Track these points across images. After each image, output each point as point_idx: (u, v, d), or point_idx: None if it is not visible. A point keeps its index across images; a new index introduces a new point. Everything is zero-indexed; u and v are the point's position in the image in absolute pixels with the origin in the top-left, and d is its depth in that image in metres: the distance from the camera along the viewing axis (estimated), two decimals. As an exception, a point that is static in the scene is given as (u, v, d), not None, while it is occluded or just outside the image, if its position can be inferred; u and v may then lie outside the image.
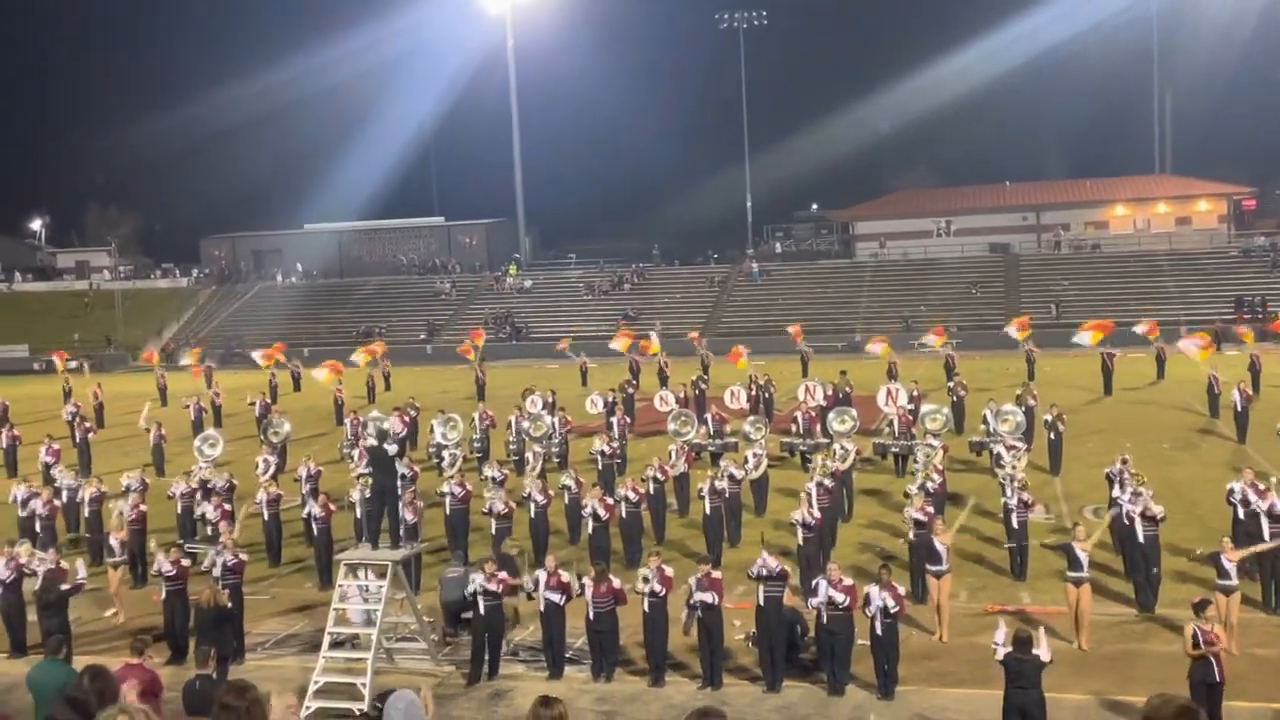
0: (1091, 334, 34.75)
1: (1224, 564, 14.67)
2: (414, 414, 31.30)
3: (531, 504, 19.76)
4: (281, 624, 17.38)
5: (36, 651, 14.87)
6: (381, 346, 46.40)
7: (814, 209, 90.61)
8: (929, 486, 19.28)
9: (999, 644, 12.12)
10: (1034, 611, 16.35)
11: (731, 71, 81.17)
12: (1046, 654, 11.90)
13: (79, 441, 30.49)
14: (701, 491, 20.08)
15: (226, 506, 19.63)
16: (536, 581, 14.81)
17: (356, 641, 14.92)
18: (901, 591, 14.35)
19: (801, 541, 17.58)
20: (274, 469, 24.45)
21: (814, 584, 14.33)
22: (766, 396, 33.72)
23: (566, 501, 20.94)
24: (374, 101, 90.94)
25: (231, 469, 24.19)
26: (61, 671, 9.60)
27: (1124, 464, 19.46)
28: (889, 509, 22.52)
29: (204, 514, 19.81)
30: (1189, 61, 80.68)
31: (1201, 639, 12.06)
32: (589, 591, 14.49)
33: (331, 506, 19.60)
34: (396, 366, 47.00)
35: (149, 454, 29.25)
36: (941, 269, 65.64)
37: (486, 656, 14.76)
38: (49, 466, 25.66)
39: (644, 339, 44.01)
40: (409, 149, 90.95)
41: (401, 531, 15.52)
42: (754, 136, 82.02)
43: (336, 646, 14.75)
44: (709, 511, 19.89)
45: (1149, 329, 38.67)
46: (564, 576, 14.76)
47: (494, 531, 19.21)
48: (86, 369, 48.93)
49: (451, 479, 21.08)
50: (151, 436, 29.74)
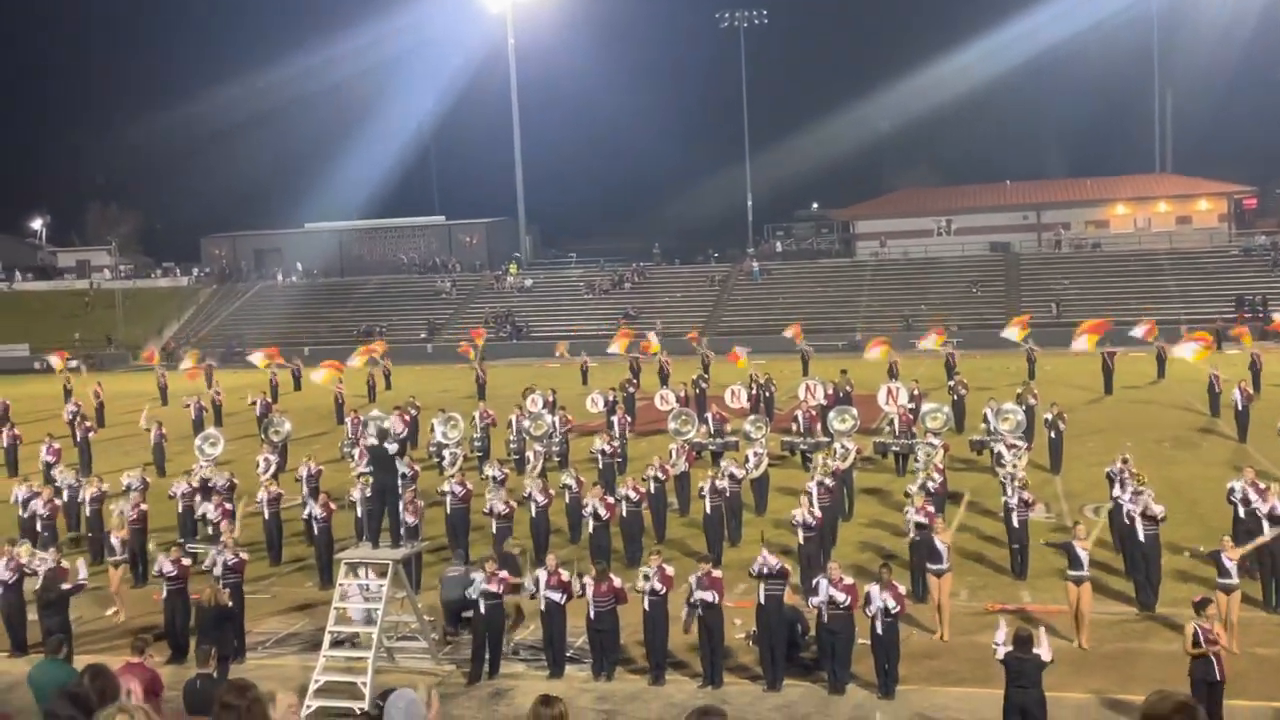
0: (1088, 338, 34.79)
1: (1224, 563, 14.68)
2: (414, 413, 31.29)
3: (532, 504, 19.76)
4: (282, 623, 17.39)
5: (37, 651, 14.86)
6: (381, 346, 46.34)
7: (814, 208, 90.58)
8: (929, 486, 19.28)
9: (999, 643, 12.13)
10: (1034, 610, 16.35)
11: (732, 70, 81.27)
12: (1047, 654, 11.90)
13: (79, 441, 30.49)
14: (702, 491, 20.07)
15: (227, 505, 19.64)
16: (537, 581, 14.82)
17: (357, 640, 14.92)
18: (902, 591, 14.35)
19: (802, 540, 17.57)
20: (275, 468, 24.48)
21: (814, 583, 14.33)
22: (767, 395, 33.72)
23: (567, 501, 20.94)
24: (374, 100, 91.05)
25: (232, 468, 24.18)
26: (62, 671, 9.60)
27: (1124, 463, 19.46)
28: (889, 508, 22.53)
29: (204, 514, 19.83)
30: (1189, 60, 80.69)
31: (1202, 638, 12.06)
32: (590, 591, 14.49)
33: (332, 505, 19.61)
34: (397, 365, 46.99)
35: (150, 453, 29.27)
36: (942, 268, 65.66)
37: (487, 655, 14.77)
38: (50, 466, 25.67)
39: (643, 340, 44.01)
40: (409, 148, 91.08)
41: (402, 531, 15.54)
42: (754, 135, 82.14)
43: (337, 645, 14.74)
44: (709, 511, 19.88)
45: (1147, 331, 38.63)
46: (564, 576, 14.77)
47: (494, 531, 19.23)
48: (84, 369, 48.86)
49: (452, 478, 21.09)
50: (152, 436, 29.73)
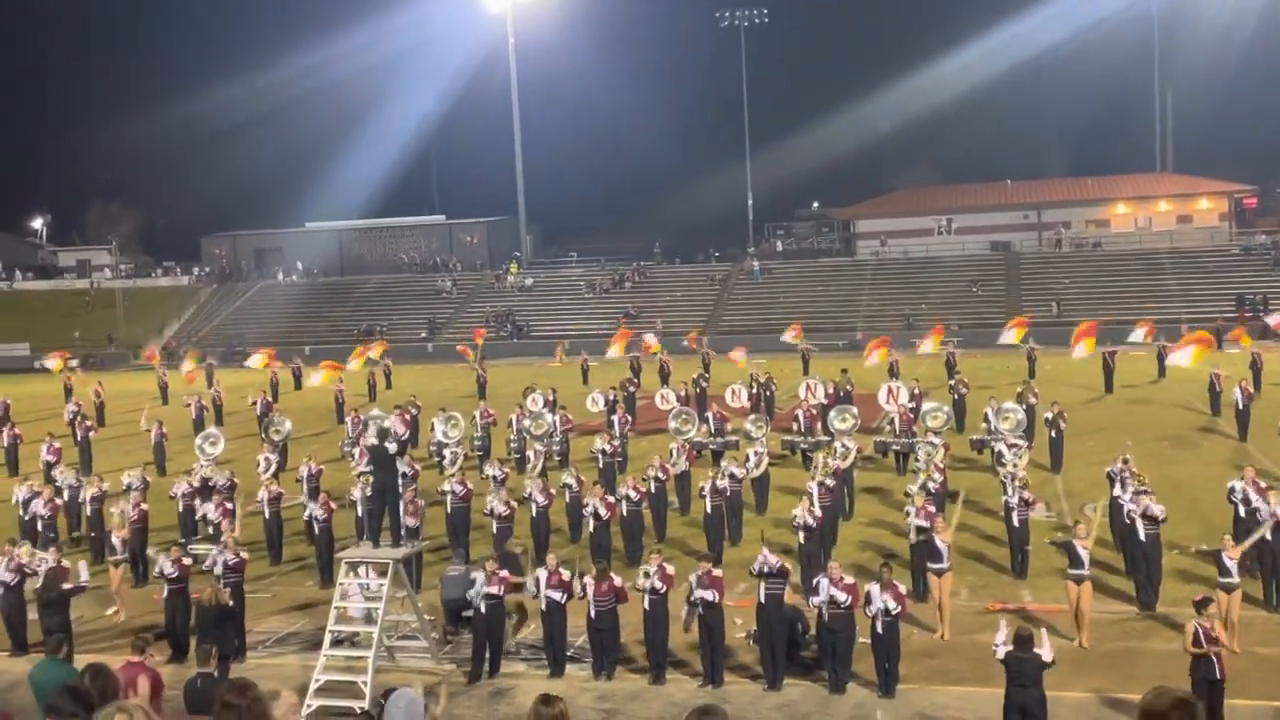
0: (1085, 343, 34.75)
1: (1225, 562, 14.67)
2: (415, 412, 31.30)
3: (533, 503, 19.77)
4: (282, 622, 17.39)
5: (38, 650, 14.86)
6: (379, 347, 46.12)
7: (815, 207, 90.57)
8: (930, 487, 19.25)
9: (999, 644, 12.11)
10: (1035, 610, 16.34)
11: (732, 70, 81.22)
12: (1049, 654, 11.89)
13: (80, 440, 30.49)
14: (703, 490, 20.06)
15: (228, 505, 19.65)
16: (537, 581, 14.83)
17: (357, 640, 14.92)
18: (903, 590, 14.34)
19: (803, 540, 17.57)
20: (275, 467, 24.48)
21: (815, 582, 14.32)
22: (767, 395, 33.72)
23: (568, 500, 20.95)
24: (375, 100, 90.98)
25: (233, 467, 24.18)
26: (62, 670, 9.59)
27: (1125, 463, 19.45)
28: (890, 507, 22.52)
29: (205, 515, 19.81)
30: (1190, 59, 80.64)
31: (1203, 637, 12.06)
32: (590, 590, 14.49)
33: (333, 505, 19.62)
34: (397, 365, 47.00)
35: (150, 452, 29.28)
36: (942, 267, 65.66)
37: (487, 655, 14.78)
38: (50, 465, 25.68)
39: (642, 342, 43.94)
40: (410, 147, 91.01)
41: (403, 531, 15.54)
42: (755, 135, 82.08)
43: (338, 645, 14.74)
44: (710, 510, 19.87)
45: (1146, 333, 38.48)
46: (565, 575, 14.77)
47: (495, 531, 19.22)
48: (79, 370, 48.81)
49: (452, 477, 21.10)
50: (153, 435, 29.73)
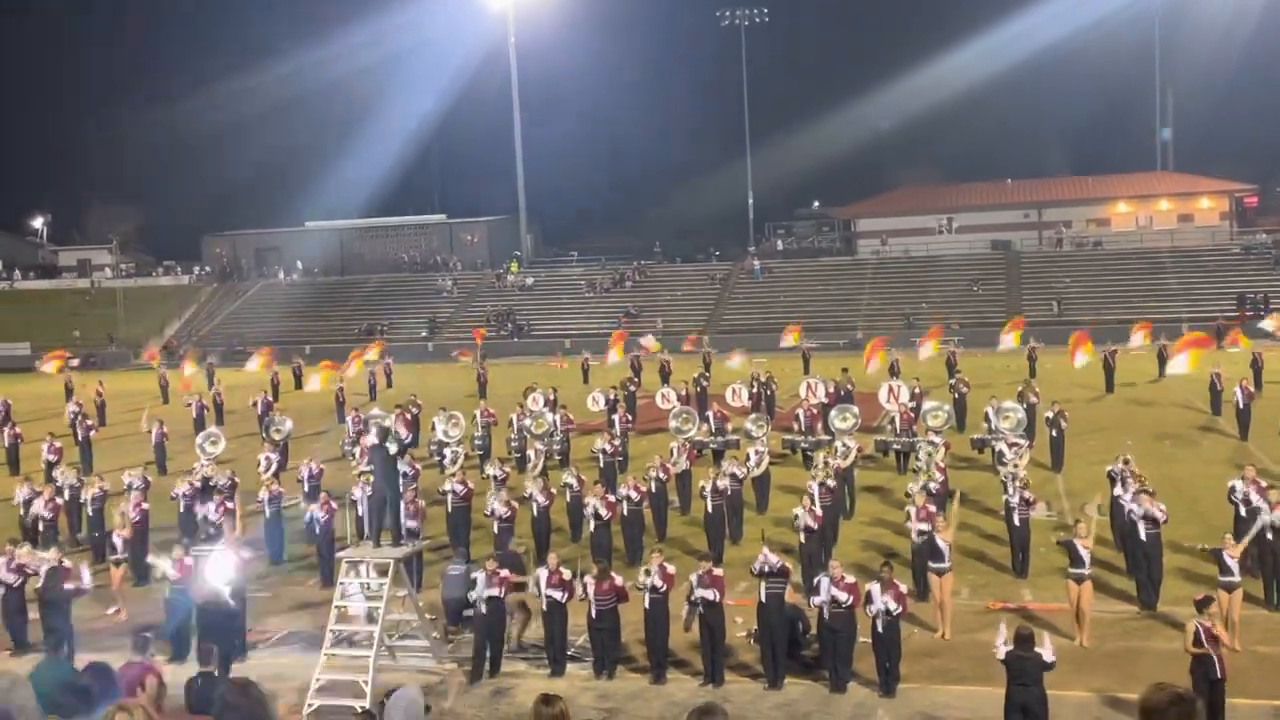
0: (1083, 350, 34.72)
1: (1226, 560, 14.67)
2: (415, 411, 31.32)
3: (534, 503, 19.77)
4: (283, 621, 17.40)
5: (39, 650, 14.86)
6: (378, 348, 45.79)
7: (815, 206, 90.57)
8: (931, 487, 19.19)
9: (1000, 645, 12.09)
10: (1036, 609, 16.34)
11: (733, 69, 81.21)
12: (1050, 655, 11.87)
13: (81, 440, 30.48)
14: (703, 490, 20.06)
15: (229, 505, 19.64)
16: (538, 581, 14.83)
17: (358, 639, 14.93)
18: (904, 590, 14.33)
19: (803, 539, 17.56)
20: (276, 466, 24.47)
21: (815, 582, 14.32)
22: (768, 394, 33.72)
23: (568, 499, 20.94)
24: (375, 98, 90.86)
25: (233, 466, 24.18)
26: (63, 670, 9.57)
27: (1126, 464, 19.41)
28: (891, 506, 22.52)
29: (205, 516, 19.79)
30: (1191, 58, 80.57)
31: (1203, 636, 12.06)
32: (591, 589, 14.49)
33: (333, 504, 19.61)
34: (398, 364, 47.01)
35: (151, 452, 29.26)
36: (943, 266, 65.64)
37: (488, 654, 14.78)
38: (51, 465, 25.67)
39: (642, 346, 43.85)
40: (410, 146, 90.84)
41: (403, 532, 15.54)
42: (755, 133, 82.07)
43: (338, 644, 14.74)
44: (710, 510, 19.86)
45: (1144, 336, 38.30)
46: (565, 574, 14.77)
47: (496, 532, 19.21)
48: (78, 369, 48.74)
49: (453, 476, 21.09)
50: (154, 434, 29.72)
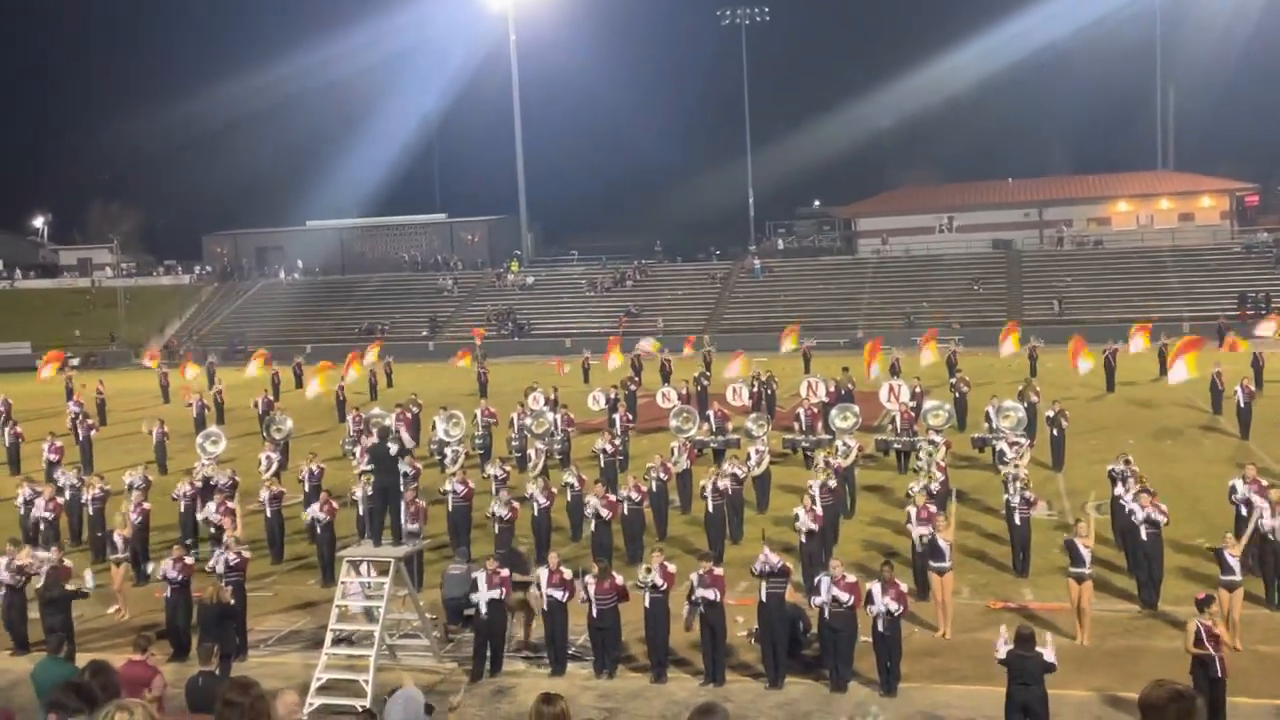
0: (1084, 355, 34.67)
1: (1228, 559, 14.66)
2: (416, 411, 31.34)
3: (534, 503, 19.78)
4: (284, 621, 17.40)
5: (39, 649, 14.87)
6: (376, 351, 45.61)
7: (816, 205, 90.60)
8: (932, 488, 19.12)
9: (1000, 645, 12.05)
10: (1036, 608, 16.34)
11: (734, 68, 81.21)
12: (1051, 655, 11.85)
13: (81, 439, 30.48)
14: (704, 490, 20.05)
15: (230, 504, 19.63)
16: (538, 580, 14.82)
17: (359, 638, 14.93)
18: (904, 589, 14.31)
19: (804, 539, 17.56)
20: (276, 466, 24.48)
21: (816, 582, 14.31)
22: (769, 393, 33.71)
23: (569, 499, 20.94)
24: (376, 98, 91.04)
25: (234, 466, 24.18)
26: (63, 669, 9.60)
27: (1127, 464, 19.37)
28: (891, 505, 22.51)
29: (206, 517, 19.75)
30: (1192, 57, 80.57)
31: (1204, 635, 12.04)
32: (592, 588, 14.48)
33: (334, 504, 19.61)
34: (398, 363, 47.03)
35: (151, 451, 29.27)
36: (944, 265, 65.64)
37: (488, 653, 14.78)
38: (52, 465, 25.66)
39: (642, 350, 43.82)
40: (411, 145, 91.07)
41: (404, 532, 15.53)
42: (756, 132, 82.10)
43: (339, 643, 14.75)
44: (711, 510, 19.84)
45: (1143, 338, 38.16)
46: (566, 574, 14.77)
47: (496, 531, 19.19)
48: (78, 369, 48.74)
49: (454, 476, 21.09)
50: (154, 434, 29.72)
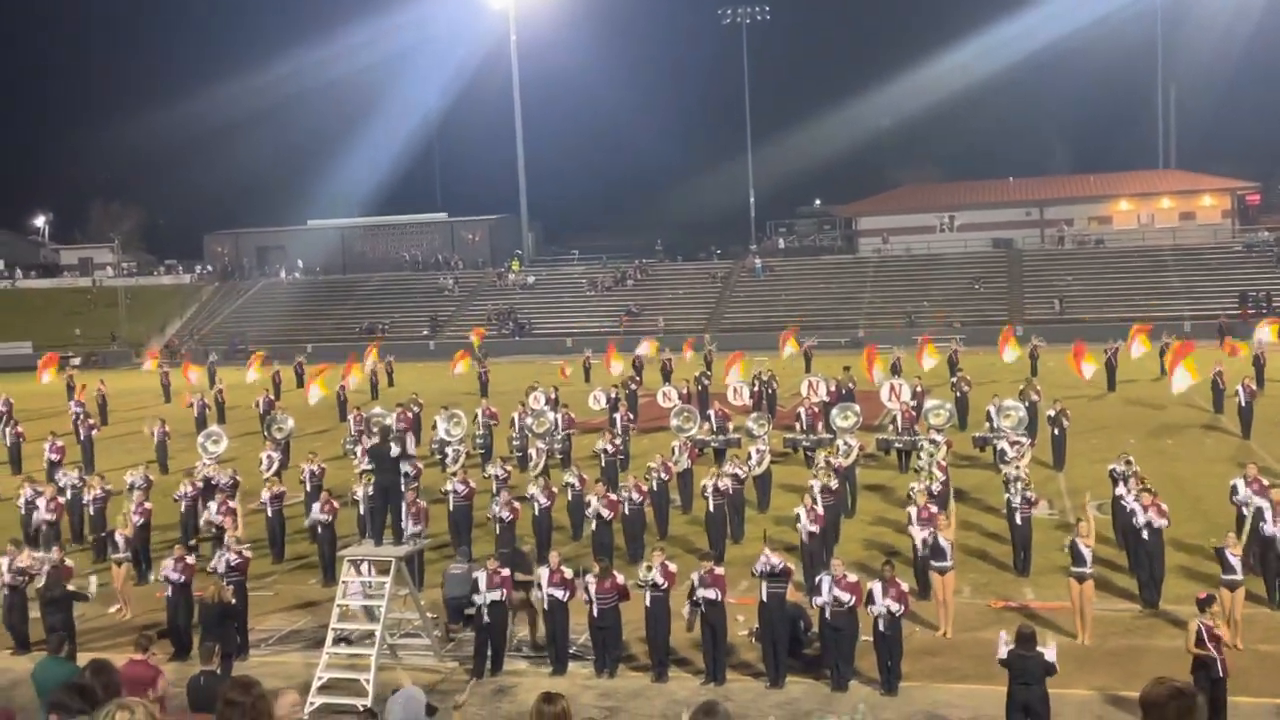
0: (1088, 361, 34.61)
1: (1229, 558, 14.65)
2: (417, 410, 31.35)
3: (535, 503, 19.78)
4: (285, 620, 17.40)
5: (40, 648, 14.88)
6: (374, 353, 45.45)
7: (817, 204, 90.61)
8: (933, 489, 19.10)
9: (1002, 644, 12.03)
10: (1038, 607, 16.33)
11: (734, 67, 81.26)
12: (1052, 655, 11.82)
13: (83, 438, 30.49)
14: (705, 490, 20.03)
15: (231, 504, 19.63)
16: (539, 580, 14.82)
17: (360, 637, 14.93)
18: (905, 588, 14.30)
19: (805, 540, 17.55)
20: (277, 465, 24.48)
21: (817, 581, 14.31)
22: (769, 392, 33.70)
23: (570, 498, 20.94)
24: (377, 97, 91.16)
25: (235, 465, 24.18)
26: (64, 668, 9.60)
27: (1128, 464, 19.32)
28: (892, 505, 22.51)
29: (209, 519, 19.74)
30: (1193, 56, 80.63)
31: (1205, 635, 12.03)
32: (593, 588, 14.49)
33: (335, 504, 19.60)
34: (399, 363, 47.02)
35: (153, 451, 29.27)
36: (945, 264, 65.62)
37: (489, 652, 14.78)
38: (54, 464, 25.66)
39: (643, 351, 43.80)
40: (412, 145, 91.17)
41: (404, 530, 15.53)
42: (757, 132, 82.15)
43: (340, 642, 14.75)
44: (712, 510, 19.82)
45: (1143, 341, 38.13)
46: (567, 573, 14.77)
47: (498, 532, 19.18)
48: (79, 368, 48.74)
49: (454, 475, 21.08)
50: (155, 433, 29.73)
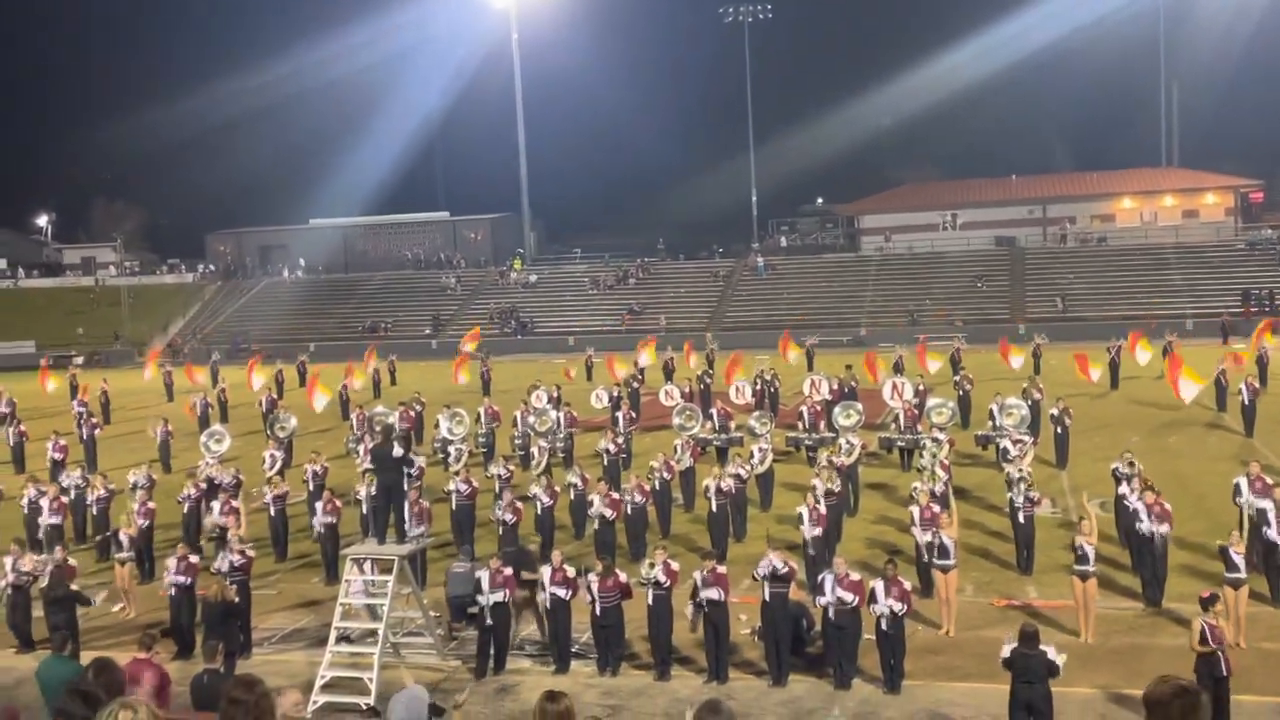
0: (1092, 364, 34.55)
1: (1233, 557, 14.66)
2: (419, 409, 31.35)
3: (538, 503, 19.79)
4: (288, 619, 17.42)
5: (44, 647, 14.89)
6: (373, 355, 45.35)
7: (819, 203, 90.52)
8: (935, 489, 19.07)
9: (1006, 647, 12.01)
10: (1040, 605, 16.33)
11: (736, 65, 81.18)
12: (1054, 654, 11.82)
13: (86, 438, 30.50)
14: (707, 490, 20.01)
15: (234, 503, 19.64)
16: (541, 580, 14.82)
17: (362, 636, 14.94)
18: (908, 587, 14.28)
19: (808, 540, 17.53)
20: (280, 464, 24.47)
21: (820, 580, 14.30)
22: (772, 391, 33.70)
23: (572, 497, 20.95)
24: (379, 96, 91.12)
25: (238, 464, 24.19)
26: (68, 667, 9.62)
27: (1131, 464, 19.27)
28: (895, 503, 22.51)
29: (213, 520, 19.72)
30: (1195, 54, 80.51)
31: (1209, 634, 12.02)
32: (595, 586, 14.49)
33: (337, 502, 19.62)
34: (401, 362, 47.00)
35: (155, 450, 29.28)
36: (947, 262, 65.57)
37: (492, 651, 14.79)
38: (57, 463, 25.67)
39: (644, 348, 43.73)
40: (414, 144, 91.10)
41: (406, 529, 15.53)
42: (759, 130, 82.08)
43: (343, 641, 14.76)
44: (715, 509, 19.80)
45: (1143, 345, 37.92)
46: (569, 572, 14.78)
47: (500, 532, 19.18)
48: (81, 367, 48.80)
49: (457, 475, 21.09)
50: (158, 433, 29.73)
